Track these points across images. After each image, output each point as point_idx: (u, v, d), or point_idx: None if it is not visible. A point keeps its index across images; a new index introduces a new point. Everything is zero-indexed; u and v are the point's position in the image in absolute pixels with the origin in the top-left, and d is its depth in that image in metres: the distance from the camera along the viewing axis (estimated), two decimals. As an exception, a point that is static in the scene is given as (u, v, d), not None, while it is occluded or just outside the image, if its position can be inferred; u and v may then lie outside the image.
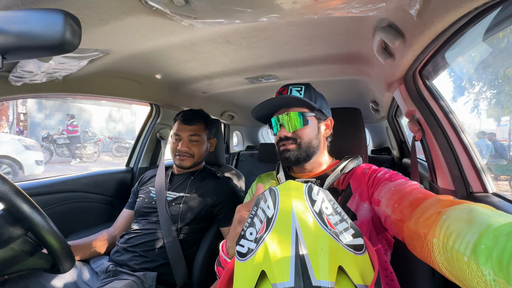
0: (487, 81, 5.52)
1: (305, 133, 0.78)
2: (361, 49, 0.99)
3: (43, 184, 1.18)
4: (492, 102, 5.94)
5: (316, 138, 0.79)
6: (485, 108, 6.30)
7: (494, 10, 0.47)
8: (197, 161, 1.21)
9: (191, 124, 1.19)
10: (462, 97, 6.33)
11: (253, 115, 0.85)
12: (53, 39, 0.39)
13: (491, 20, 0.58)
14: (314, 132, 0.79)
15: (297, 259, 0.37)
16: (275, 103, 0.79)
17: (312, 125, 0.79)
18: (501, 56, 4.16)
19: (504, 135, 6.23)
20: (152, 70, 1.21)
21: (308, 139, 0.78)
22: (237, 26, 0.80)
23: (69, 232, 1.25)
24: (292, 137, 0.78)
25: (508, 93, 4.92)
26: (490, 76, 5.30)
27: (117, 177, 1.54)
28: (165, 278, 1.02)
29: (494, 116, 6.44)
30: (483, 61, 4.71)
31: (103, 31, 0.70)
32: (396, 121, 1.87)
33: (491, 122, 6.72)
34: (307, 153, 0.78)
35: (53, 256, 0.69)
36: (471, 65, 5.41)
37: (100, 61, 0.95)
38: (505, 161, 5.29)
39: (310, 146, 0.78)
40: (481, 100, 6.08)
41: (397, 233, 0.56)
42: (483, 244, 0.33)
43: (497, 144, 5.27)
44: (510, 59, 4.10)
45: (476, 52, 3.41)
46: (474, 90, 6.10)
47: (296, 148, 0.77)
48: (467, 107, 6.27)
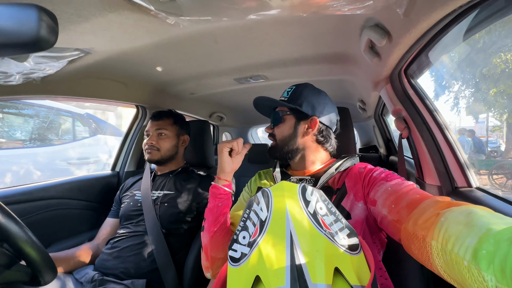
0: (466, 80, 5.79)
1: (279, 131, 0.82)
2: (348, 49, 1.00)
3: (21, 192, 1.12)
4: (471, 101, 6.23)
5: (292, 136, 0.80)
6: (464, 106, 6.59)
7: (477, 8, 0.49)
8: (164, 155, 1.20)
9: (158, 120, 1.24)
10: (444, 95, 6.60)
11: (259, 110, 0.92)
12: (26, 36, 0.36)
13: (470, 22, 0.60)
14: (290, 131, 0.80)
15: (293, 263, 0.36)
16: (264, 101, 0.85)
17: (288, 124, 0.81)
18: (477, 56, 4.37)
19: (482, 131, 6.55)
20: (137, 70, 1.17)
21: (282, 137, 0.81)
22: (224, 25, 0.79)
23: (51, 241, 1.19)
24: (273, 133, 0.84)
25: (485, 91, 5.17)
26: (468, 75, 5.56)
27: (102, 181, 1.48)
28: (155, 285, 0.98)
29: (473, 113, 6.76)
30: (462, 61, 4.93)
31: (83, 29, 0.67)
32: (383, 119, 1.91)
33: (470, 120, 7.04)
34: (285, 151, 0.80)
35: (32, 268, 0.65)
36: (452, 65, 5.65)
37: (82, 61, 0.91)
38: (484, 156, 5.55)
39: (286, 144, 0.80)
40: (461, 98, 6.36)
41: (393, 233, 0.56)
42: (484, 249, 0.32)
43: (476, 140, 5.52)
44: (486, 59, 4.32)
45: (456, 52, 3.56)
46: (454, 88, 6.37)
47: (274, 145, 0.83)
48: (448, 105, 6.54)
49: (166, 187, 1.17)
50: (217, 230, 0.71)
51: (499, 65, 4.19)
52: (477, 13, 0.55)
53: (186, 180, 1.20)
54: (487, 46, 3.93)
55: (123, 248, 1.01)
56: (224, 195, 0.74)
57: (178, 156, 1.27)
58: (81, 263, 1.04)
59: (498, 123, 5.92)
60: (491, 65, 4.24)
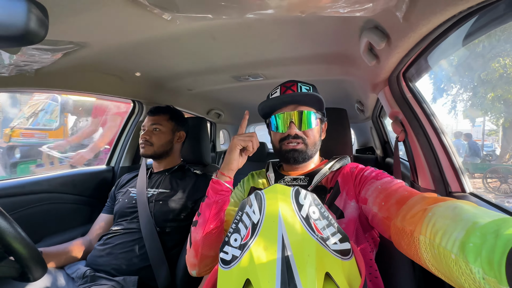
0: (464, 84, 5.82)
1: (312, 134, 0.77)
2: (347, 50, 0.99)
3: (13, 185, 1.10)
4: (468, 104, 6.27)
5: (319, 140, 0.80)
6: (461, 109, 6.63)
7: (476, 14, 0.48)
8: (157, 150, 1.19)
9: (154, 115, 1.23)
10: (441, 98, 6.63)
11: (260, 109, 0.81)
12: (15, 29, 0.35)
13: (470, 27, 0.60)
14: (318, 134, 0.80)
15: (283, 267, 0.36)
16: (295, 97, 0.76)
17: (318, 126, 0.79)
18: (476, 60, 4.38)
19: (478, 135, 6.60)
20: (133, 64, 1.15)
21: (314, 140, 0.78)
22: (223, 22, 0.78)
23: (43, 236, 1.17)
24: (301, 136, 0.76)
25: (482, 95, 5.20)
26: (467, 79, 5.59)
27: (97, 176, 1.47)
28: (147, 282, 0.98)
29: (470, 117, 6.81)
30: (460, 65, 4.96)
31: (76, 21, 0.65)
32: (380, 121, 1.92)
33: (467, 123, 7.10)
34: (311, 154, 0.78)
35: (21, 264, 0.64)
36: (450, 69, 5.68)
37: (76, 54, 0.89)
38: (479, 159, 5.61)
39: (314, 148, 0.78)
40: (458, 102, 6.39)
41: (384, 230, 0.57)
42: (471, 242, 0.33)
43: (472, 144, 5.57)
44: (485, 63, 4.34)
45: (455, 56, 3.57)
46: (452, 92, 6.41)
47: (304, 148, 0.76)
48: (445, 108, 6.58)
49: (161, 185, 1.16)
50: (213, 227, 0.67)
51: (497, 69, 4.21)
52: (477, 19, 0.55)
53: (182, 178, 1.20)
54: (486, 51, 3.94)
55: (116, 245, 1.01)
56: (225, 192, 0.69)
57: (173, 152, 1.26)
58: (73, 258, 1.03)
59: (495, 127, 5.98)
60: (489, 69, 4.26)
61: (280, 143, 0.79)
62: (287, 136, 0.76)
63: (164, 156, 1.23)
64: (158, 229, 1.05)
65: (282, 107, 0.78)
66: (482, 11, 0.47)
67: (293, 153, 0.75)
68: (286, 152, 0.77)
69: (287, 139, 0.76)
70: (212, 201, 0.68)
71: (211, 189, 0.69)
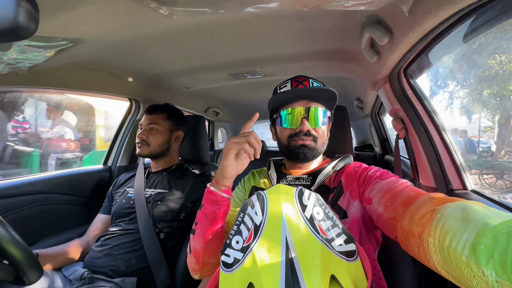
0: (461, 81, 5.84)
1: (324, 132, 0.76)
2: (348, 46, 0.98)
3: (7, 186, 1.08)
4: (464, 101, 6.30)
5: (327, 138, 0.79)
6: (458, 106, 6.66)
7: (485, 7, 0.47)
8: (154, 151, 1.17)
9: (152, 113, 1.20)
10: (438, 95, 6.66)
11: (272, 102, 0.77)
12: (3, 23, 0.33)
13: (472, 23, 0.59)
14: (327, 133, 0.79)
15: (288, 270, 0.34)
16: (312, 92, 0.74)
17: (327, 125, 0.78)
18: (473, 57, 4.39)
19: (474, 132, 6.65)
20: (130, 62, 1.13)
21: (324, 139, 0.77)
22: (221, 18, 0.75)
23: (40, 237, 1.16)
24: (312, 133, 0.73)
25: (479, 92, 5.23)
26: (464, 76, 5.60)
27: (94, 176, 1.44)
28: (146, 283, 0.97)
29: (466, 114, 6.84)
30: (458, 61, 4.97)
31: (70, 16, 0.63)
32: (379, 118, 1.91)
33: (463, 120, 7.15)
34: (320, 152, 0.77)
35: (15, 268, 0.62)
36: (449, 65, 5.69)
37: (71, 51, 0.87)
38: (475, 156, 5.65)
39: (323, 146, 0.77)
40: (455, 98, 6.42)
41: (390, 231, 0.55)
42: (483, 244, 0.32)
43: (468, 141, 5.61)
44: (481, 60, 4.35)
45: (453, 53, 3.58)
46: (449, 89, 6.43)
47: (314, 146, 0.73)
48: (442, 105, 6.60)
49: (159, 185, 1.14)
50: (213, 236, 0.63)
51: (493, 66, 4.23)
52: (481, 14, 0.53)
53: (180, 178, 1.18)
54: (483, 48, 3.96)
55: (114, 246, 0.99)
56: (222, 201, 0.63)
57: (171, 152, 1.24)
58: (70, 260, 1.02)
59: (490, 124, 6.02)
60: (485, 66, 4.27)
61: (289, 139, 0.75)
62: (298, 132, 0.73)
63: (161, 156, 1.21)
64: (156, 229, 1.03)
65: (293, 102, 0.75)
66: (490, 4, 0.46)
67: (303, 149, 0.73)
68: (296, 148, 0.73)
69: (297, 136, 0.73)
70: (208, 211, 0.63)
71: (206, 200, 0.64)
